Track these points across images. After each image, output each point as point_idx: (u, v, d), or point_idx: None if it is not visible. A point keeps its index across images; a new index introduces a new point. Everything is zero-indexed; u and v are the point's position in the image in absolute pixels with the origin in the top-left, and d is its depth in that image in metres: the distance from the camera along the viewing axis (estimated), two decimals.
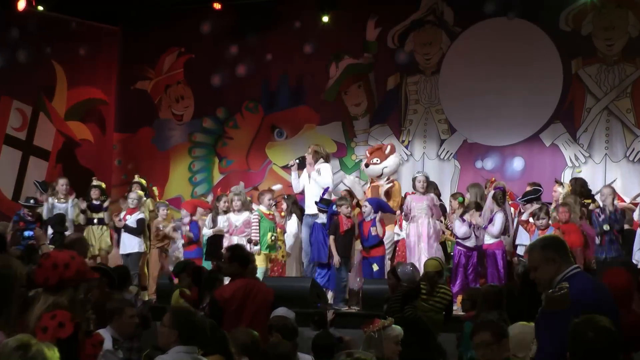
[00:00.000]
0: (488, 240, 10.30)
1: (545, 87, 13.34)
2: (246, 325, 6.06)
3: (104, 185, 12.82)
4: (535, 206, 10.60)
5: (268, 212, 11.00)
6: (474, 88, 13.78)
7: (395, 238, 11.22)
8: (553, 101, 13.31)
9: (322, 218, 10.68)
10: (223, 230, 11.12)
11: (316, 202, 10.77)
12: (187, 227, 11.62)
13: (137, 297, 8.57)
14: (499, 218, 10.25)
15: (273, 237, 10.80)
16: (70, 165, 14.75)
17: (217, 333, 5.17)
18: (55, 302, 3.74)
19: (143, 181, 13.01)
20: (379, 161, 12.07)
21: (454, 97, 14.00)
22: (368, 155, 12.41)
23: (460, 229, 10.38)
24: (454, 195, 11.63)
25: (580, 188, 11.02)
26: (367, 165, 12.02)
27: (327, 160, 11.40)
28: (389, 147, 12.35)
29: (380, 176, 12.12)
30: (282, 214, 11.65)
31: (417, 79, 14.30)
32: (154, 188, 13.80)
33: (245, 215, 11.05)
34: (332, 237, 10.42)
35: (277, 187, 12.18)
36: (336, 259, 10.30)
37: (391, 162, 12.14)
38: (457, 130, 13.98)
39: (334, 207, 10.54)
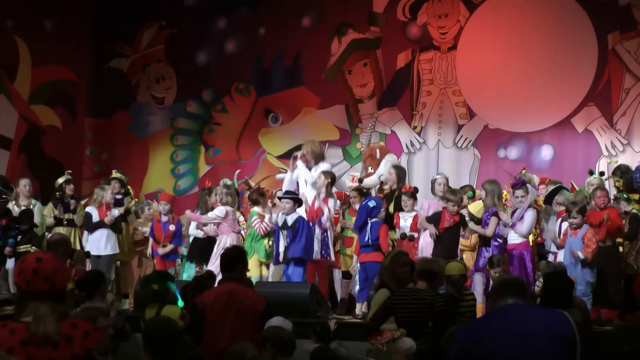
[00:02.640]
0: (514, 239, 10.23)
1: (578, 65, 13.31)
2: (229, 335, 6.08)
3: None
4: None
5: (262, 213, 11.00)
6: (496, 66, 13.76)
7: None
8: (586, 81, 13.28)
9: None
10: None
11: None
12: (173, 226, 11.58)
13: (112, 306, 8.55)
14: (529, 216, 10.17)
15: (270, 243, 10.83)
16: (35, 156, 14.72)
17: (190, 351, 5.18)
18: (63, 311, 3.81)
19: (123, 177, 12.88)
20: (373, 170, 11.97)
21: (474, 77, 13.98)
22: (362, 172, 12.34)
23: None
24: (462, 188, 11.50)
25: (629, 178, 10.96)
26: (360, 181, 11.88)
27: (323, 158, 11.48)
28: (378, 150, 12.22)
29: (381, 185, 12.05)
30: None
31: (431, 56, 14.27)
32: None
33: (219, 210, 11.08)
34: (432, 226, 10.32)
35: (281, 176, 12.11)
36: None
37: (386, 168, 11.96)
38: (476, 114, 13.97)
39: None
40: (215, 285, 7.72)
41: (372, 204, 10.45)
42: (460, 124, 14.08)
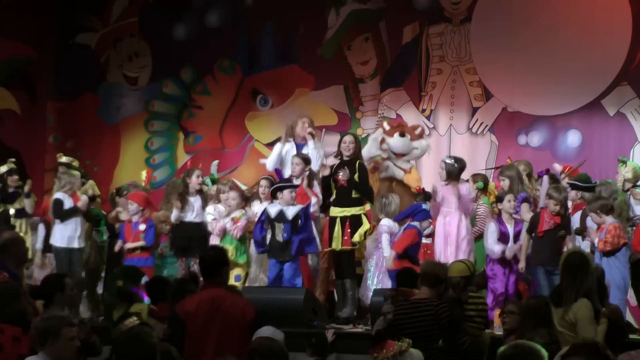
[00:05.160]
0: None
1: (609, 39, 13.27)
2: (214, 347, 6.07)
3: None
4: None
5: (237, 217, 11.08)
6: (516, 41, 13.73)
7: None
8: (619, 57, 13.24)
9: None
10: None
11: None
12: (143, 225, 11.58)
13: (76, 315, 8.55)
14: None
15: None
16: None
17: None
18: None
19: (71, 160, 12.78)
20: (409, 137, 11.93)
21: (490, 53, 13.96)
22: (388, 127, 12.14)
23: (494, 245, 10.31)
24: (473, 177, 11.52)
25: None
26: (403, 134, 11.78)
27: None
28: (419, 129, 12.20)
29: (403, 156, 12.03)
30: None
31: (442, 29, 14.25)
32: (143, 172, 13.63)
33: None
34: (527, 237, 10.33)
35: (265, 161, 12.13)
36: (521, 264, 10.27)
37: (424, 144, 11.98)
38: (493, 95, 13.95)
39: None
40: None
41: (425, 206, 10.58)
42: (475, 107, 14.07)
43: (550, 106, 13.61)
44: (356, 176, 10.83)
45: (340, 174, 10.84)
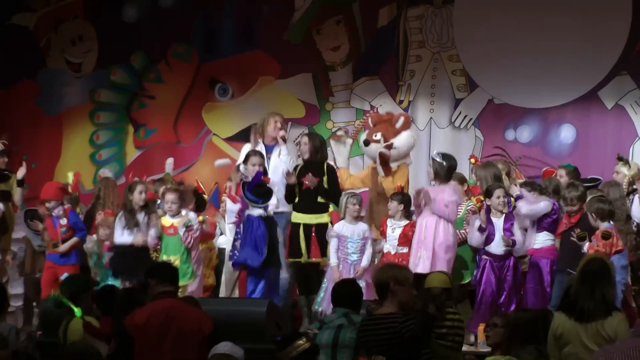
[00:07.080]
0: (537, 242, 10.38)
1: (607, 25, 13.36)
2: None
3: None
4: None
5: (169, 224, 10.94)
6: (504, 25, 13.77)
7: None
8: (618, 45, 13.33)
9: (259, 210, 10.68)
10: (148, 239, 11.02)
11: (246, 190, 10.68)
12: (65, 220, 11.49)
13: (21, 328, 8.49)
14: (544, 203, 10.32)
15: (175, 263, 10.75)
16: None
17: None
18: None
19: None
20: (382, 139, 11.91)
21: (476, 39, 14.00)
22: (369, 125, 12.15)
23: (474, 234, 10.32)
24: (460, 179, 11.52)
25: None
26: (367, 143, 11.79)
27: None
28: (401, 119, 11.93)
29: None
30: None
31: (422, 11, 14.30)
32: (69, 174, 13.53)
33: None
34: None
35: (222, 162, 12.08)
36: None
37: (402, 141, 11.90)
38: (479, 85, 13.98)
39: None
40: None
41: None
42: (458, 98, 14.13)
43: (542, 98, 13.69)
44: (325, 180, 10.79)
45: (308, 178, 10.79)
